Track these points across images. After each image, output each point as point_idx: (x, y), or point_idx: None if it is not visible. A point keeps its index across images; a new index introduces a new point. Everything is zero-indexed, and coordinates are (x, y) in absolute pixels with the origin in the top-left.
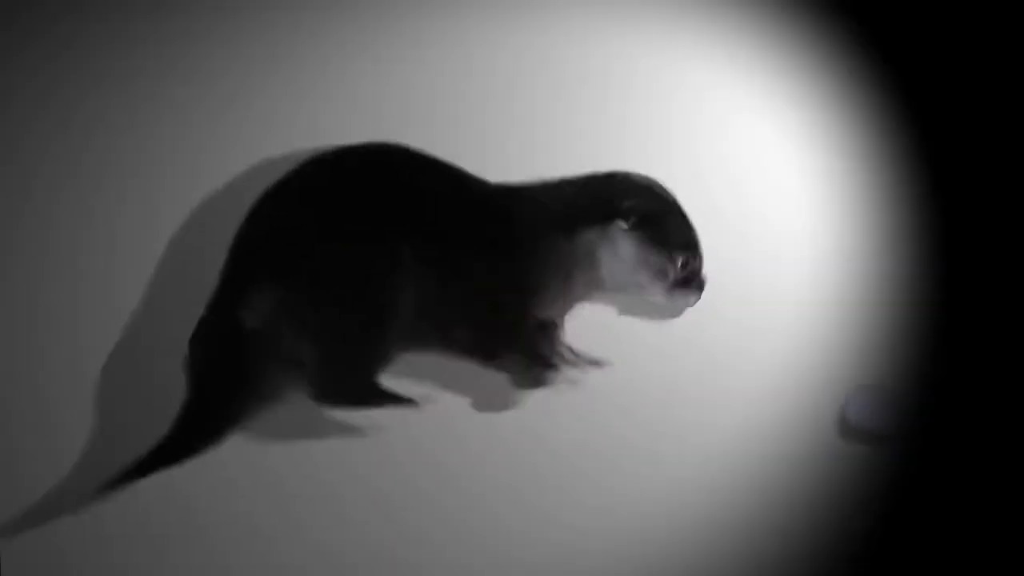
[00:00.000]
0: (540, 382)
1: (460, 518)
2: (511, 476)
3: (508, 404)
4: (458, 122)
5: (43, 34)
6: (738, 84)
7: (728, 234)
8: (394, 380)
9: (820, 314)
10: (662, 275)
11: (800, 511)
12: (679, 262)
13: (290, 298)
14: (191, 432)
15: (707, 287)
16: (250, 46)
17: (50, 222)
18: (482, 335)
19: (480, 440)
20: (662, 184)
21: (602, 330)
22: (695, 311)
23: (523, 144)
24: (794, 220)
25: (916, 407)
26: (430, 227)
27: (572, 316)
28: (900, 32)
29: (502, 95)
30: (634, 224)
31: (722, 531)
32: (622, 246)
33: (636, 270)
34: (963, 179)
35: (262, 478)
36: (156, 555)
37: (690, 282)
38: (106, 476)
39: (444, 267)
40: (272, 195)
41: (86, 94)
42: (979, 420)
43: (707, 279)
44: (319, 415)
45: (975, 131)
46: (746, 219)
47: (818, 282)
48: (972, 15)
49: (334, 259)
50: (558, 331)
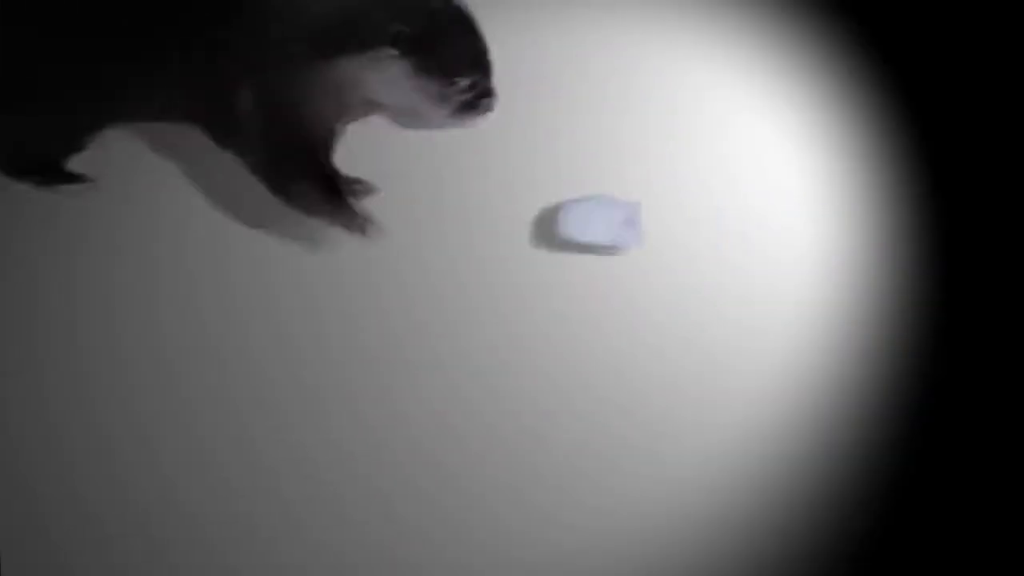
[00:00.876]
0: (347, 221)
1: (460, 518)
2: (511, 476)
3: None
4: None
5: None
6: (738, 84)
7: (728, 234)
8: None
9: (820, 314)
10: (442, 100)
11: (800, 511)
12: (462, 84)
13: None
14: None
15: (707, 287)
16: None
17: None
18: (263, 159)
19: (480, 440)
20: None
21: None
22: (695, 311)
23: (522, 144)
24: (794, 220)
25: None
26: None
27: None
28: (900, 32)
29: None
30: (405, 50)
31: (722, 531)
32: (393, 73)
33: (411, 97)
34: (963, 179)
35: (262, 478)
36: (156, 555)
37: (477, 102)
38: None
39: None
40: None
41: None
42: (979, 420)
43: (496, 95)
44: (319, 415)
45: (975, 131)
46: (746, 219)
47: (818, 282)
48: (972, 15)
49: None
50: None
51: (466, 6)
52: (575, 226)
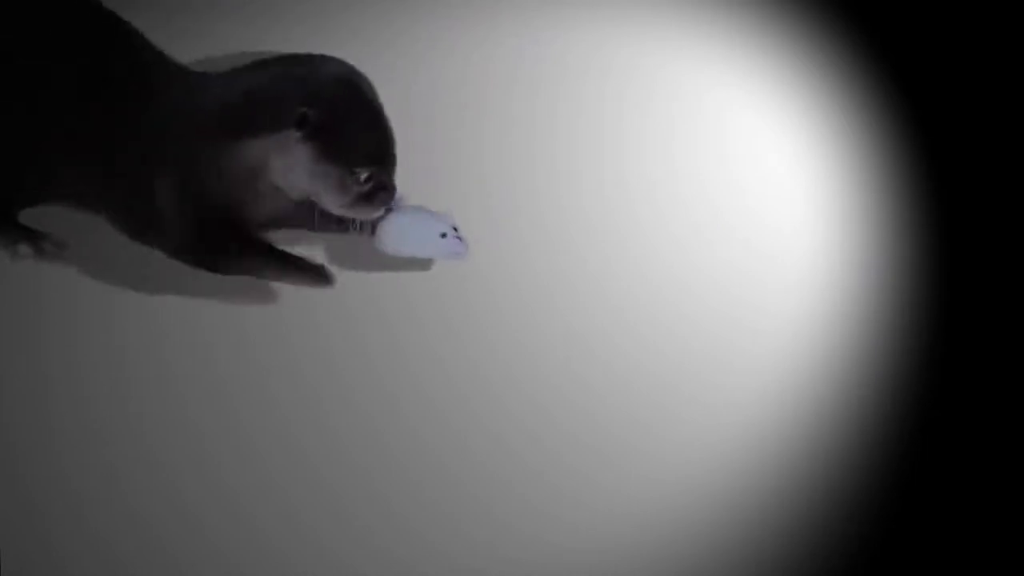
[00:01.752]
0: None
1: (459, 518)
2: (511, 476)
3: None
4: (457, 121)
5: None
6: (738, 84)
7: (728, 234)
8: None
9: (820, 314)
10: (341, 188)
11: (801, 511)
12: (361, 176)
13: None
14: None
15: (706, 286)
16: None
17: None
18: (186, 242)
19: (480, 440)
20: (360, 79)
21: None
22: (695, 311)
23: (522, 143)
24: (794, 220)
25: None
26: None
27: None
28: (900, 32)
29: (501, 95)
30: (308, 134)
31: (722, 531)
32: (295, 156)
33: (313, 183)
34: (963, 179)
35: (261, 478)
36: (156, 555)
37: (374, 196)
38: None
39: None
40: None
41: None
42: (979, 420)
43: (395, 191)
44: (318, 415)
45: (975, 131)
46: (746, 219)
47: (818, 282)
48: (972, 15)
49: None
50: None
51: (375, 97)
52: (393, 240)
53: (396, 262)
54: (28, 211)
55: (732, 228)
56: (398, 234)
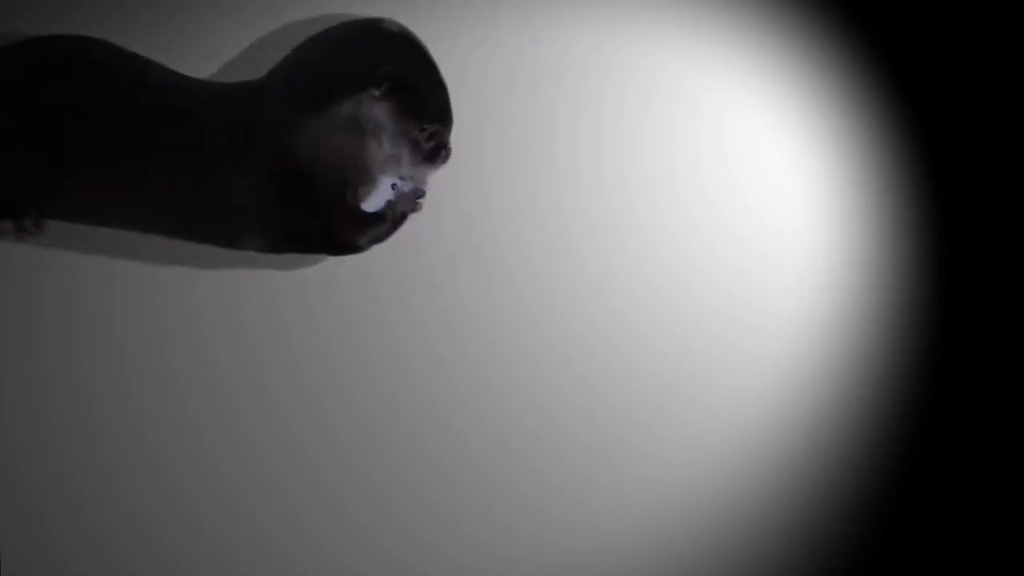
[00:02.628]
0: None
1: (459, 518)
2: (511, 476)
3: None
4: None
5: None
6: (738, 84)
7: (728, 234)
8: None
9: (820, 313)
10: (415, 147)
11: (801, 511)
12: (429, 131)
13: None
14: None
15: (706, 286)
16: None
17: None
18: (286, 234)
19: (480, 440)
20: (417, 38)
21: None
22: (695, 311)
23: (522, 144)
24: (794, 220)
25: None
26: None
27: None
28: (900, 32)
29: (501, 95)
30: (387, 91)
31: (722, 531)
32: (376, 115)
33: (394, 141)
34: (963, 179)
35: (260, 477)
36: (156, 555)
37: (435, 155)
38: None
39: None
40: None
41: None
42: (979, 420)
43: (451, 151)
44: (318, 414)
45: (975, 131)
46: (746, 219)
47: (817, 282)
48: (972, 15)
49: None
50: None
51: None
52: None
53: (396, 262)
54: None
55: (732, 228)
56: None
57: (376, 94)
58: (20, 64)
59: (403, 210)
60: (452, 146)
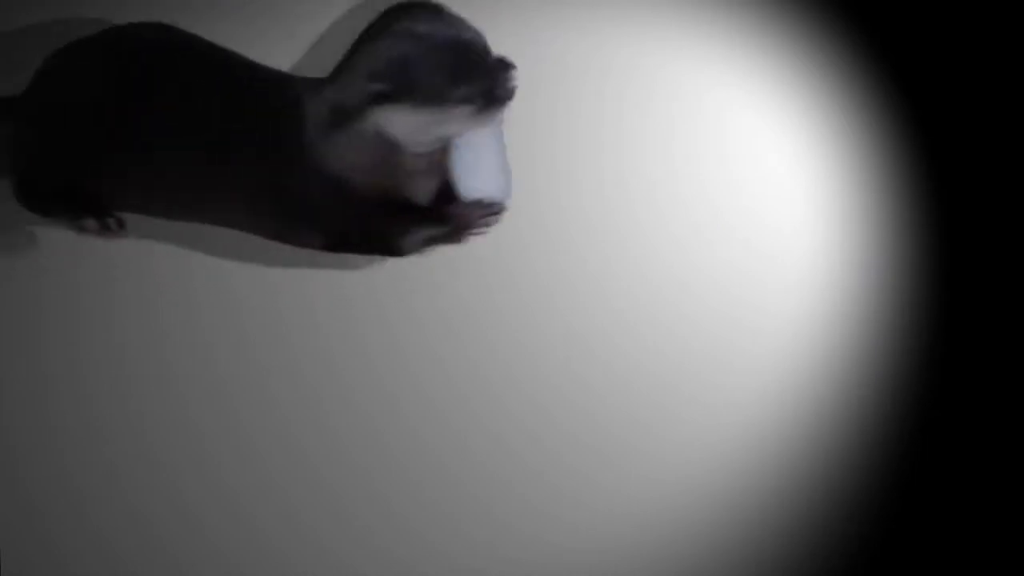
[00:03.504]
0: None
1: (459, 518)
2: (511, 476)
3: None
4: None
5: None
6: (738, 84)
7: (728, 234)
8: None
9: (820, 314)
10: (458, 118)
11: (801, 511)
12: (459, 95)
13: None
14: None
15: (706, 286)
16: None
17: None
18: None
19: (480, 440)
20: (403, 18)
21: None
22: (695, 311)
23: (522, 143)
24: (794, 220)
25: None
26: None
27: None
28: (900, 32)
29: None
30: (386, 103)
31: (722, 531)
32: (395, 123)
33: (429, 130)
34: (963, 179)
35: (260, 476)
36: (156, 555)
37: (491, 102)
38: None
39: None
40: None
41: None
42: (979, 420)
43: (512, 86)
44: (318, 414)
45: (975, 131)
46: (746, 219)
47: (817, 282)
48: (972, 15)
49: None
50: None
51: (425, 23)
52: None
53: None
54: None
55: (732, 228)
56: (470, 169)
57: (378, 109)
58: (105, 52)
59: (465, 215)
60: (512, 78)
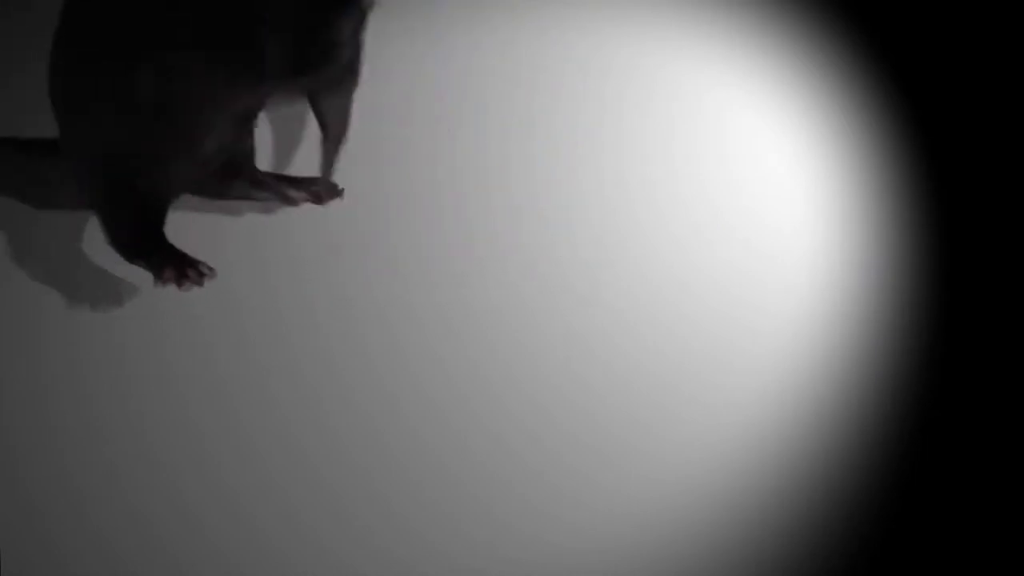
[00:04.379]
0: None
1: (459, 518)
2: (511, 476)
3: None
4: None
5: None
6: (738, 84)
7: (728, 234)
8: None
9: (821, 314)
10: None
11: (801, 511)
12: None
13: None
14: None
15: (706, 286)
16: None
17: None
18: None
19: (480, 440)
20: None
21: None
22: (695, 311)
23: (521, 144)
24: (794, 220)
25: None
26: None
27: None
28: (900, 32)
29: (500, 95)
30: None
31: (722, 531)
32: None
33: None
34: (964, 179)
35: (260, 476)
36: (156, 555)
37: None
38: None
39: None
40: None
41: None
42: (979, 420)
43: None
44: (318, 414)
45: (976, 131)
46: (746, 219)
47: (817, 282)
48: (972, 15)
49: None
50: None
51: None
52: None
53: (396, 261)
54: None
55: (732, 228)
56: None
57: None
58: None
59: None
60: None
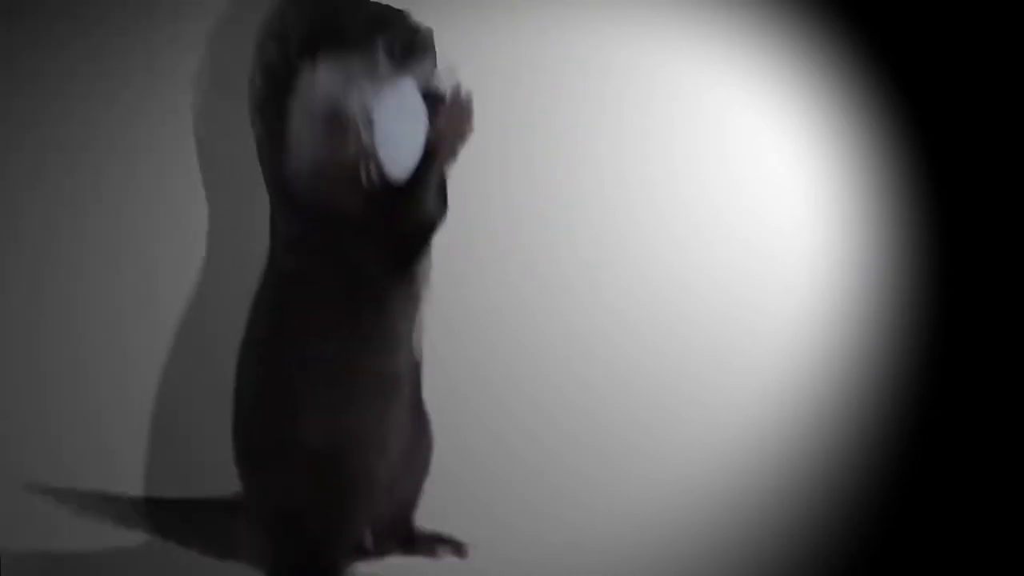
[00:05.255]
0: None
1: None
2: (511, 476)
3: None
4: None
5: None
6: (738, 84)
7: (728, 234)
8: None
9: (820, 314)
10: (378, 72)
11: (801, 511)
12: (385, 46)
13: None
14: None
15: (706, 286)
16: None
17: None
18: None
19: (480, 440)
20: None
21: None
22: (695, 311)
23: (523, 144)
24: (794, 220)
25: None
26: None
27: None
28: (900, 32)
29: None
30: (313, 49)
31: (722, 531)
32: (324, 79)
33: (356, 85)
34: (963, 178)
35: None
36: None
37: (411, 50)
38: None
39: None
40: None
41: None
42: (979, 420)
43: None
44: None
45: (975, 131)
46: (746, 219)
47: (817, 282)
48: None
49: None
50: None
51: None
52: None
53: None
54: None
55: (732, 228)
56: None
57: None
58: None
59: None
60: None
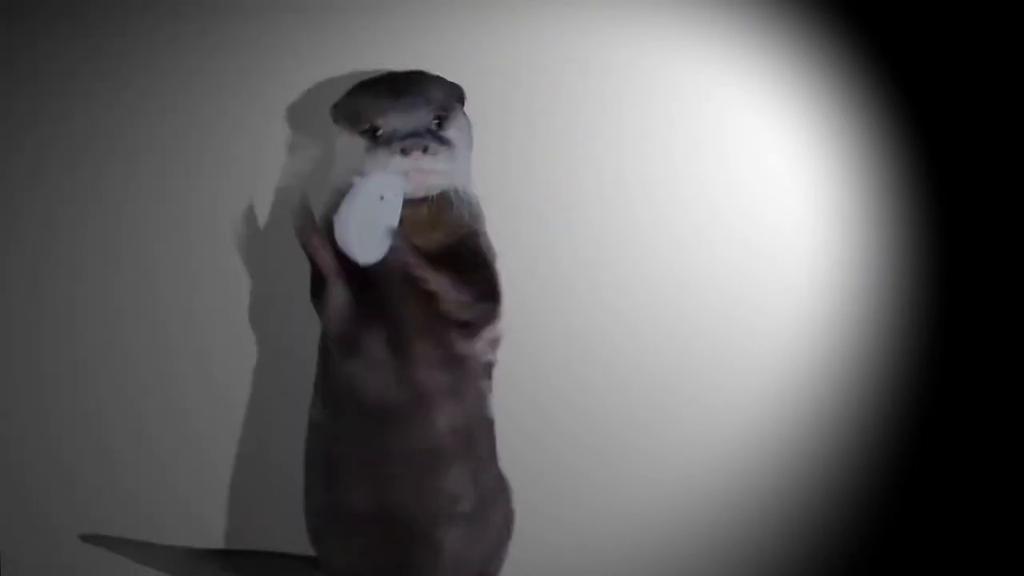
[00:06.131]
0: None
1: None
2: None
3: None
4: None
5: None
6: (738, 84)
7: (728, 234)
8: None
9: (820, 314)
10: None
11: (801, 511)
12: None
13: None
14: None
15: (706, 286)
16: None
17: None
18: None
19: None
20: None
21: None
22: (695, 311)
23: (522, 144)
24: (794, 220)
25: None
26: None
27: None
28: (900, 32)
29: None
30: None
31: (722, 531)
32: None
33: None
34: (963, 178)
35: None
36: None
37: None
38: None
39: None
40: None
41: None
42: (979, 420)
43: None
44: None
45: (975, 131)
46: (746, 219)
47: (817, 282)
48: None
49: None
50: None
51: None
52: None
53: None
54: None
55: (732, 228)
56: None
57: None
58: None
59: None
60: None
